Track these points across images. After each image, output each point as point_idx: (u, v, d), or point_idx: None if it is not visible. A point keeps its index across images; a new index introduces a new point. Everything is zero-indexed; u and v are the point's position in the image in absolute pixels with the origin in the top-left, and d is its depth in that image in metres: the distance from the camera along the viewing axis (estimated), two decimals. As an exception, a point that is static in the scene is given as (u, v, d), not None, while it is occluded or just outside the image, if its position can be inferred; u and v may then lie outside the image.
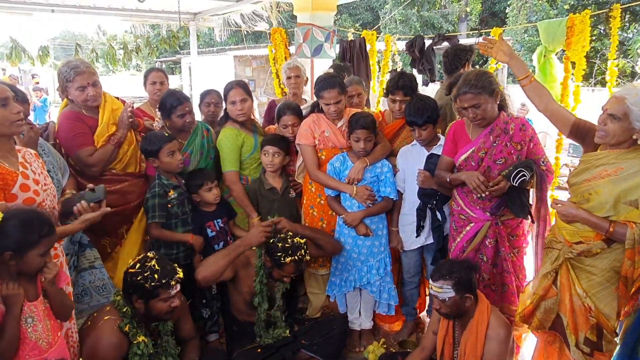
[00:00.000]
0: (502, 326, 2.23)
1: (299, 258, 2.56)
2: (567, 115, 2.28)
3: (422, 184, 2.76)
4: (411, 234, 2.91)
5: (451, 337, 2.38)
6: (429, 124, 2.72)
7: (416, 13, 17.34)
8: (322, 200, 3.04)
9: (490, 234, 2.56)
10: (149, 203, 2.73)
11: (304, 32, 5.32)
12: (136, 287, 2.16)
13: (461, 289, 2.18)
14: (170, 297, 2.17)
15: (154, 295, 2.15)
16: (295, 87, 3.83)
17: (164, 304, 2.17)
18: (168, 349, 2.32)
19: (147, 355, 2.18)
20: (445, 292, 2.18)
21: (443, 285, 2.18)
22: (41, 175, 2.01)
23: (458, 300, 2.19)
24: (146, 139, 2.78)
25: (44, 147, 2.38)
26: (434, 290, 2.23)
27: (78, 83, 2.68)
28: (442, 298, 2.19)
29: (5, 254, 1.66)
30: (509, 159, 2.47)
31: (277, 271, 2.63)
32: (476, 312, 2.24)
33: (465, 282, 2.19)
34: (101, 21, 7.37)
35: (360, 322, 3.12)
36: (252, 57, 13.56)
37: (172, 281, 2.17)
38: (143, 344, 2.16)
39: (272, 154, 2.97)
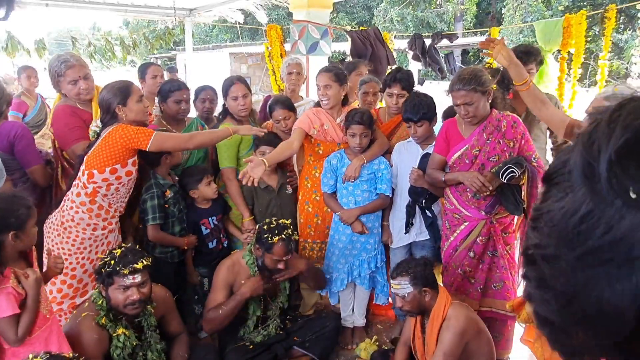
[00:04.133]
0: (459, 319, 2.23)
1: (286, 236, 2.54)
2: (562, 117, 2.28)
3: (415, 183, 2.76)
4: (401, 230, 2.91)
5: (419, 331, 2.43)
6: (424, 120, 2.72)
7: (411, 12, 17.36)
8: (317, 197, 3.04)
9: (483, 232, 2.57)
10: (148, 204, 2.68)
11: (300, 29, 5.30)
12: (97, 274, 2.16)
13: (418, 283, 2.25)
14: (125, 287, 2.07)
15: (110, 283, 2.09)
16: (295, 84, 3.83)
17: (120, 295, 2.08)
18: (152, 343, 2.29)
19: (129, 347, 2.15)
20: (403, 287, 2.26)
21: (401, 281, 2.26)
22: None
23: (417, 295, 2.25)
24: None
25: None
26: (394, 288, 2.30)
27: (70, 77, 2.67)
28: (402, 294, 2.26)
29: (11, 235, 1.73)
30: (502, 156, 2.47)
31: (268, 257, 2.56)
32: (435, 305, 2.29)
33: (421, 276, 2.26)
34: (96, 16, 7.31)
35: (353, 320, 3.12)
36: (248, 55, 13.55)
37: (124, 269, 2.05)
38: (124, 337, 2.12)
39: (268, 153, 2.94)
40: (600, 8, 5.45)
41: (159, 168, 2.74)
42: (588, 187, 0.43)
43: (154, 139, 2.35)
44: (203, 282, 2.99)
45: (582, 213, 0.43)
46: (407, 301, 2.27)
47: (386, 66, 5.06)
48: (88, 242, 2.46)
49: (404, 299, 2.27)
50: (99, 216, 2.45)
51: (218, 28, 18.37)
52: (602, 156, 0.42)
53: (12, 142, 2.50)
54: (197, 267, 2.97)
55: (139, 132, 2.34)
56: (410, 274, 2.26)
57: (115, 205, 2.50)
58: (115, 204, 2.50)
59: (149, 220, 2.69)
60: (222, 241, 3.03)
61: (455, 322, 2.22)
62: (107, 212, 2.47)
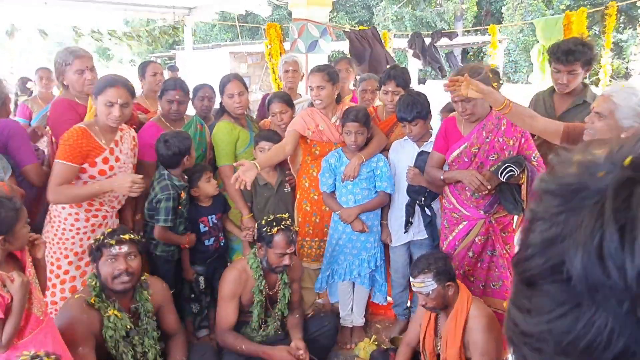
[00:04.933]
0: (483, 315, 2.22)
1: (285, 226, 2.50)
2: (554, 126, 2.24)
3: (412, 181, 2.75)
4: (399, 228, 2.90)
5: (432, 329, 2.39)
6: (419, 119, 2.70)
7: (411, 11, 17.34)
8: (315, 196, 3.03)
9: (482, 231, 2.56)
10: (162, 205, 2.65)
11: (299, 28, 5.29)
12: (89, 253, 2.18)
13: (442, 279, 2.20)
14: (112, 257, 2.09)
15: (99, 256, 2.12)
16: (292, 82, 3.81)
17: (108, 268, 2.09)
18: (149, 330, 2.26)
19: (121, 330, 2.12)
20: (427, 285, 2.20)
21: (424, 279, 2.20)
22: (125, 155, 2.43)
23: (441, 290, 2.21)
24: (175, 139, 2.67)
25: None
26: (416, 287, 2.25)
27: (77, 66, 2.65)
28: (426, 292, 2.21)
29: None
30: (501, 154, 2.46)
31: (271, 253, 2.50)
32: (457, 302, 2.25)
33: (444, 271, 2.22)
34: (96, 14, 7.27)
35: (352, 319, 3.11)
36: (248, 54, 13.52)
37: (111, 240, 2.09)
38: (114, 317, 2.10)
39: (268, 149, 2.93)
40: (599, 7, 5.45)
41: (176, 170, 2.72)
42: (603, 305, 0.34)
43: (56, 164, 2.32)
44: (199, 280, 2.97)
45: (598, 338, 0.34)
46: (432, 298, 2.20)
47: (385, 66, 5.04)
48: (70, 234, 2.44)
49: (428, 296, 2.21)
50: (80, 206, 2.43)
51: (218, 27, 18.33)
52: (627, 266, 0.32)
53: (6, 140, 2.48)
54: (193, 264, 2.95)
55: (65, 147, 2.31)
56: (433, 270, 2.19)
57: (101, 199, 2.47)
58: (101, 198, 2.47)
59: (160, 221, 2.67)
60: (220, 240, 3.01)
61: (483, 320, 2.19)
62: (91, 205, 2.44)
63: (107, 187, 2.38)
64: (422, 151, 2.78)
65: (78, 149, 2.31)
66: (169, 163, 2.70)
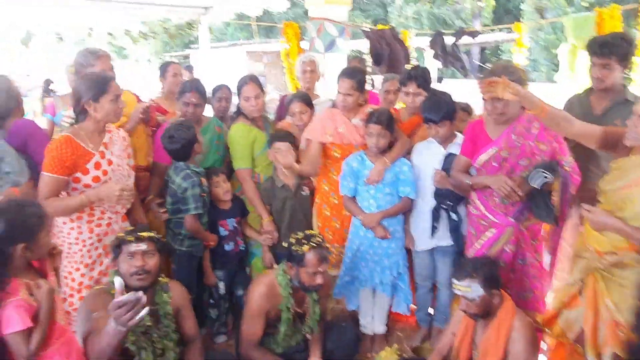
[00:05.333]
0: (527, 327, 2.14)
1: (316, 244, 2.40)
2: (590, 130, 2.13)
3: (439, 184, 2.65)
4: (423, 233, 2.81)
5: (470, 337, 2.29)
6: (446, 120, 2.61)
7: (427, 9, 17.15)
8: (335, 199, 2.95)
9: (512, 239, 2.45)
10: (189, 193, 2.60)
11: (317, 27, 5.21)
12: (111, 250, 2.16)
13: (489, 285, 2.11)
14: (131, 254, 2.06)
15: (119, 253, 2.09)
16: (309, 81, 3.75)
17: (126, 264, 2.07)
18: (169, 332, 2.23)
19: (142, 326, 2.09)
20: (474, 290, 2.11)
21: (470, 283, 2.11)
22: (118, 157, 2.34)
23: (487, 297, 2.12)
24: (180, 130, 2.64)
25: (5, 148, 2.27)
26: (460, 290, 2.15)
27: (99, 67, 2.63)
28: (471, 297, 2.12)
29: (21, 248, 1.67)
30: (533, 159, 2.35)
31: (303, 272, 2.40)
32: (500, 312, 2.16)
33: (491, 277, 2.13)
34: (112, 12, 7.29)
35: (373, 327, 3.02)
36: (264, 53, 13.49)
37: (130, 237, 2.07)
38: None
39: (284, 150, 2.87)
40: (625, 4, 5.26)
41: (190, 161, 2.69)
42: None
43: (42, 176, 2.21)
44: (218, 285, 2.92)
45: None
46: (475, 304, 2.11)
47: (404, 65, 4.96)
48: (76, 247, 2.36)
49: (472, 302, 2.13)
50: (80, 218, 2.32)
51: (233, 26, 18.35)
52: None
53: (24, 140, 2.45)
54: (213, 269, 2.90)
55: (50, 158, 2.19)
56: (481, 275, 2.10)
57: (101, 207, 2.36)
58: (100, 206, 2.35)
59: (191, 209, 2.62)
60: (239, 244, 2.95)
61: (527, 332, 2.11)
62: (91, 215, 2.34)
63: (94, 198, 2.24)
64: (450, 153, 2.68)
65: (62, 159, 2.17)
66: (182, 156, 2.67)
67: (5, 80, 2.53)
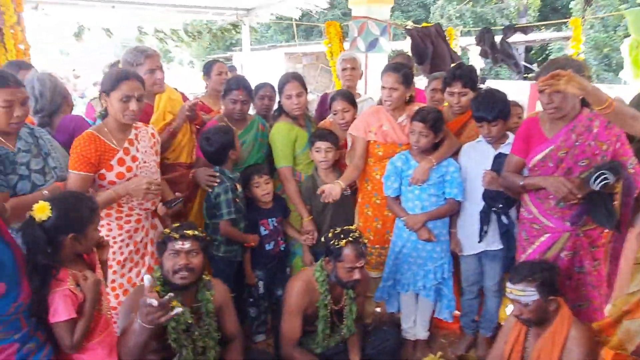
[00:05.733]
0: (585, 337, 2.02)
1: (353, 238, 2.34)
2: None
3: (488, 186, 2.53)
4: (471, 237, 2.70)
5: (521, 345, 2.18)
6: (499, 119, 2.49)
7: (470, 8, 16.75)
8: (378, 200, 2.88)
9: (568, 245, 2.31)
10: (222, 198, 2.61)
11: (359, 26, 5.15)
12: (156, 246, 2.19)
13: (546, 291, 2.01)
14: (175, 252, 2.06)
15: (163, 250, 2.11)
16: (350, 79, 3.68)
17: (170, 262, 2.07)
18: (210, 330, 2.22)
19: (183, 324, 2.09)
20: (528, 295, 2.01)
21: (525, 287, 2.01)
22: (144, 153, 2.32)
23: (542, 303, 2.02)
24: (217, 134, 2.64)
25: (52, 143, 2.28)
26: (514, 294, 2.06)
27: (148, 66, 2.62)
28: (525, 302, 2.02)
29: (70, 237, 1.69)
30: (593, 160, 2.20)
31: (341, 268, 2.35)
32: (556, 320, 2.04)
33: (550, 283, 2.03)
34: (157, 15, 7.48)
35: (415, 332, 2.93)
36: (303, 54, 13.54)
37: (175, 235, 2.08)
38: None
39: (325, 149, 2.83)
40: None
41: (225, 166, 2.69)
42: None
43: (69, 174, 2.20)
44: (258, 284, 2.90)
45: None
46: (530, 310, 2.03)
47: (449, 64, 4.81)
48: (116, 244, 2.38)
49: (526, 307, 2.04)
50: (109, 215, 2.34)
51: (273, 29, 18.55)
52: None
53: (72, 134, 2.50)
54: (253, 269, 2.89)
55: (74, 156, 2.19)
56: (538, 280, 2.02)
57: (129, 203, 2.36)
58: (128, 202, 2.35)
59: (224, 214, 2.62)
60: (280, 244, 2.93)
61: (585, 343, 2.00)
62: (120, 212, 2.35)
63: (123, 192, 2.22)
64: (500, 153, 2.56)
65: (87, 156, 2.17)
66: (216, 159, 2.66)
67: (51, 78, 2.60)
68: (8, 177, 1.98)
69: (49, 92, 2.53)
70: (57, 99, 2.57)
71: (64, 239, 1.69)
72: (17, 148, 2.05)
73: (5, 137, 2.01)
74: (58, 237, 1.68)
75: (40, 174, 2.10)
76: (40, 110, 2.54)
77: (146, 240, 2.45)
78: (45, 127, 2.53)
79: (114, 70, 2.32)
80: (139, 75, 2.29)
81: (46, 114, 2.56)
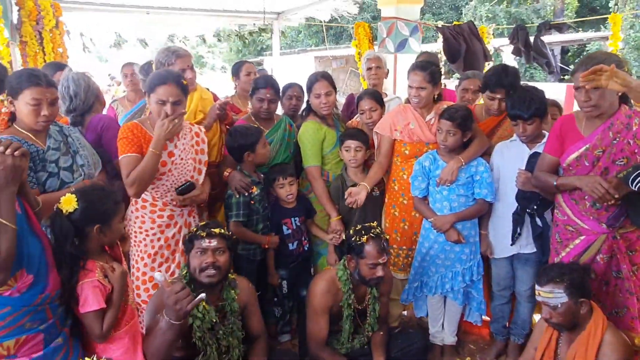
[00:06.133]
0: (621, 343, 1.94)
1: (375, 235, 2.32)
2: None
3: (523, 186, 2.45)
4: (503, 239, 2.61)
5: (552, 351, 2.11)
6: (536, 117, 2.41)
7: (504, 9, 16.40)
8: (405, 200, 2.83)
9: (604, 248, 2.20)
10: (233, 200, 2.64)
11: (388, 27, 5.11)
12: (184, 244, 2.20)
13: (575, 293, 1.93)
14: (201, 250, 2.07)
15: (190, 248, 2.12)
16: (376, 79, 3.64)
17: (197, 260, 2.08)
18: (234, 329, 2.22)
19: (208, 322, 2.10)
20: (556, 297, 1.94)
21: (553, 289, 1.95)
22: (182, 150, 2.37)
23: (572, 306, 1.94)
24: (239, 132, 2.67)
25: (81, 142, 2.35)
26: (542, 296, 1.99)
27: (179, 65, 2.67)
28: (554, 304, 1.95)
29: (95, 228, 1.73)
30: (631, 158, 2.09)
31: (363, 264, 2.33)
32: (589, 324, 1.96)
33: (579, 285, 1.94)
34: (189, 20, 7.66)
35: (443, 337, 2.86)
36: (333, 58, 13.58)
37: (202, 233, 2.09)
38: (202, 308, 2.08)
39: (354, 148, 2.79)
40: None
41: (243, 165, 2.69)
42: None
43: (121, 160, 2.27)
44: (282, 284, 2.89)
45: None
46: (559, 312, 1.97)
47: (483, 62, 4.71)
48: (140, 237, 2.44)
49: (555, 310, 1.97)
50: (144, 208, 2.41)
51: (304, 33, 18.67)
52: None
53: (100, 133, 2.56)
54: (277, 268, 2.88)
55: (120, 143, 2.28)
56: (566, 282, 1.95)
57: (163, 198, 2.42)
58: (164, 198, 2.41)
59: (232, 216, 2.65)
60: (304, 244, 2.91)
61: (620, 348, 1.92)
62: (154, 205, 2.40)
63: (156, 140, 2.22)
64: (535, 153, 2.47)
65: (131, 138, 2.26)
66: (233, 155, 2.68)
67: (84, 78, 2.67)
68: (38, 175, 2.05)
69: (82, 92, 2.60)
70: (90, 99, 2.64)
71: (89, 231, 1.73)
72: (46, 146, 2.11)
73: (35, 135, 2.08)
74: (84, 228, 1.72)
75: (69, 172, 2.17)
76: (74, 110, 2.62)
77: (178, 237, 2.48)
78: (78, 126, 2.61)
79: (155, 73, 2.40)
80: (179, 79, 2.31)
81: (79, 113, 2.64)
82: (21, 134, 2.04)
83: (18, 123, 2.07)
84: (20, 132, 2.04)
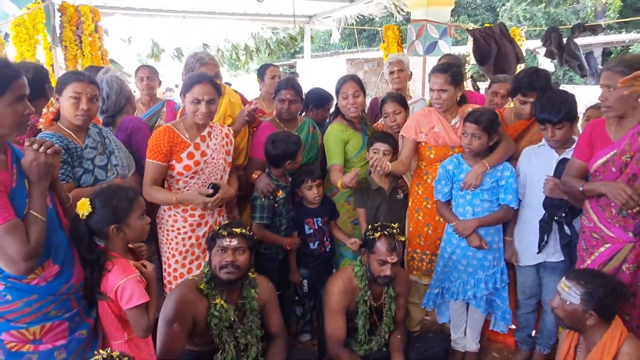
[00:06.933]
0: (638, 355, 1.89)
1: (388, 233, 2.33)
2: None
3: (551, 193, 2.39)
4: (529, 247, 2.56)
5: (572, 357, 2.09)
6: (566, 121, 2.35)
7: (542, 9, 15.93)
8: (429, 204, 2.81)
9: (630, 258, 2.12)
10: (257, 202, 2.70)
11: (418, 29, 5.07)
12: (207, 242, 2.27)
13: (589, 303, 1.91)
14: (222, 249, 2.13)
15: (212, 246, 2.18)
16: (399, 82, 3.62)
17: (217, 257, 2.14)
18: (253, 327, 2.26)
19: (226, 321, 2.15)
20: (570, 295, 1.95)
21: (573, 286, 1.95)
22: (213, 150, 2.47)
23: (579, 311, 1.93)
24: (282, 141, 2.66)
25: (117, 144, 2.46)
26: (561, 286, 2.01)
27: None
28: (564, 299, 1.97)
29: (112, 229, 1.77)
30: (661, 166, 2.02)
31: (373, 260, 2.35)
32: (606, 334, 1.94)
33: (599, 299, 1.91)
34: (225, 26, 7.86)
35: (465, 344, 2.82)
36: (365, 60, 13.56)
37: (224, 232, 2.15)
38: (220, 307, 2.13)
39: (383, 151, 2.77)
40: None
41: (276, 170, 2.74)
42: None
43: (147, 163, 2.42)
44: (303, 283, 2.92)
45: None
46: (565, 309, 1.99)
47: (515, 64, 4.60)
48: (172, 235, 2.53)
49: (562, 305, 2.00)
50: (177, 207, 2.49)
51: (335, 36, 18.68)
52: None
53: (130, 134, 2.67)
54: (298, 267, 2.92)
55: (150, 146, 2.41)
56: (589, 289, 1.93)
57: None
58: None
59: (256, 218, 2.70)
60: (326, 245, 2.93)
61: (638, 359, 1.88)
62: (186, 204, 2.48)
63: (186, 200, 2.42)
64: (564, 158, 2.40)
65: (161, 146, 2.38)
66: (273, 162, 2.72)
67: (118, 81, 2.78)
68: (74, 170, 2.19)
69: (114, 95, 2.72)
70: (122, 101, 2.75)
71: (107, 231, 1.77)
72: (85, 144, 2.24)
73: (76, 134, 2.23)
74: (102, 229, 1.77)
75: (103, 170, 2.29)
76: (106, 111, 2.73)
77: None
78: (109, 126, 2.72)
79: (189, 75, 2.53)
80: (213, 80, 2.44)
81: (110, 115, 2.75)
82: (63, 131, 2.19)
83: (61, 121, 2.22)
84: (63, 130, 2.20)
